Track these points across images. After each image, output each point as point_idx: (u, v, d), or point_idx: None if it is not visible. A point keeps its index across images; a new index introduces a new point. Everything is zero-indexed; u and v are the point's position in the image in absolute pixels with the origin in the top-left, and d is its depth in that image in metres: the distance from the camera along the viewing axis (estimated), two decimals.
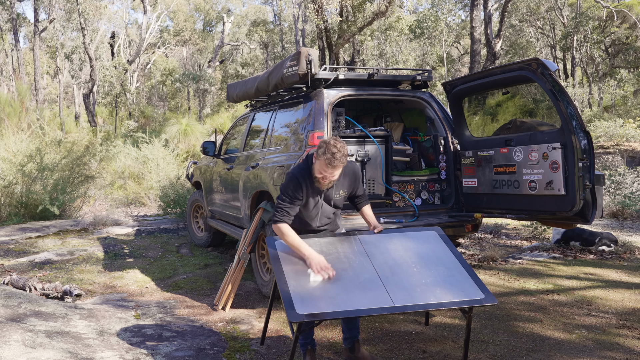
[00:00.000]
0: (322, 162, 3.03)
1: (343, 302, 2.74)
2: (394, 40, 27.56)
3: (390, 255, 3.15)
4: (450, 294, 2.85)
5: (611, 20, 22.52)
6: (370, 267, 3.03)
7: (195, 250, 6.96)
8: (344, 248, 3.20)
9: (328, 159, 2.99)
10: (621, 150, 13.95)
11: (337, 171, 3.09)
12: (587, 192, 3.89)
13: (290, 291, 2.76)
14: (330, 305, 2.71)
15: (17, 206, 8.89)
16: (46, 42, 32.71)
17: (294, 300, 2.70)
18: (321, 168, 3.06)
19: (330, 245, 3.21)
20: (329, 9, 18.99)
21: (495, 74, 4.47)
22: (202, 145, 6.39)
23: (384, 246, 3.23)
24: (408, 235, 3.40)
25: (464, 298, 2.83)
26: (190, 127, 18.99)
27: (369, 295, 2.81)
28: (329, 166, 3.02)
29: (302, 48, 4.58)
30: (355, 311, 2.71)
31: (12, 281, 4.92)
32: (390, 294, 2.81)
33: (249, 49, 38.63)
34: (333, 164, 3.01)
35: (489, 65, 19.86)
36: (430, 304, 2.79)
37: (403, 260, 3.10)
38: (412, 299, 2.79)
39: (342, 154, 3.02)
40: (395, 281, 2.92)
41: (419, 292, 2.84)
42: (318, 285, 2.87)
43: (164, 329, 3.97)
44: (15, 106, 12.78)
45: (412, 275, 2.97)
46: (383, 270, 2.99)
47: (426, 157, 5.23)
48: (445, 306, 2.82)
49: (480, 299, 2.82)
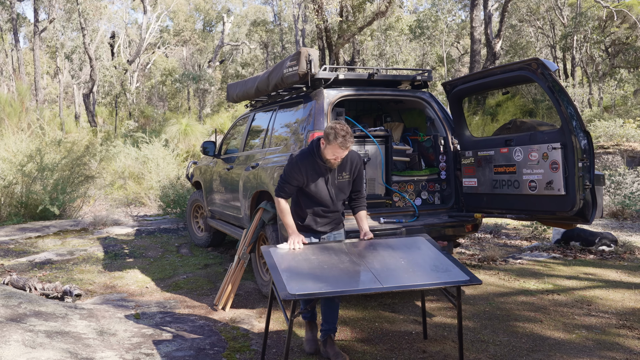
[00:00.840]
0: (334, 146, 3.27)
1: (333, 285, 2.91)
2: (394, 40, 27.56)
3: (379, 253, 3.33)
4: (437, 278, 3.01)
5: (611, 20, 22.52)
6: (360, 261, 3.22)
7: (195, 250, 6.96)
8: (335, 250, 3.40)
9: (341, 142, 3.25)
10: (621, 150, 13.96)
11: (347, 151, 3.36)
12: (587, 192, 3.89)
13: (283, 276, 2.94)
14: (321, 287, 2.87)
15: (17, 206, 8.89)
16: (46, 42, 32.71)
17: (285, 282, 2.86)
18: (334, 151, 3.30)
19: (323, 248, 3.40)
20: (329, 9, 18.99)
21: (495, 74, 4.47)
22: (202, 145, 6.39)
23: (372, 248, 3.43)
24: (397, 240, 3.62)
25: (450, 279, 2.98)
26: (190, 127, 18.99)
27: (358, 279, 3.02)
28: (342, 148, 3.27)
29: (302, 48, 4.58)
30: (344, 291, 2.87)
31: (12, 281, 4.92)
32: (378, 278, 2.97)
33: (249, 49, 38.63)
34: (346, 146, 3.28)
35: (489, 65, 19.86)
36: (418, 284, 2.93)
37: (391, 256, 3.27)
38: (399, 281, 2.94)
39: (350, 135, 3.30)
40: (384, 270, 3.09)
41: (407, 277, 3.00)
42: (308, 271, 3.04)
43: (164, 329, 3.97)
44: (15, 106, 12.78)
45: (400, 266, 3.14)
46: (372, 264, 3.17)
47: (426, 157, 5.23)
48: (432, 286, 2.94)
49: (465, 280, 2.96)
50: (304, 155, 3.45)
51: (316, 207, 3.51)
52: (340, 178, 3.49)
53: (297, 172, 3.41)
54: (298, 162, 3.42)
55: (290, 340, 2.94)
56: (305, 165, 3.40)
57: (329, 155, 3.34)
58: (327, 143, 3.30)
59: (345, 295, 4.64)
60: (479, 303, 4.54)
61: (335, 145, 3.27)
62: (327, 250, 3.38)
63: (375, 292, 2.83)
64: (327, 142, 3.30)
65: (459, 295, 3.11)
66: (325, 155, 3.35)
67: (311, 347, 3.55)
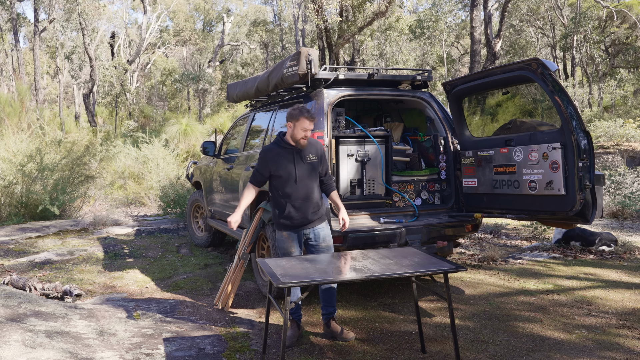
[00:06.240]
0: (302, 120, 3.57)
1: (323, 276, 3.06)
2: (394, 40, 27.53)
3: (369, 256, 3.47)
4: (424, 267, 3.14)
5: (611, 20, 22.51)
6: (351, 261, 3.37)
7: (195, 250, 6.96)
8: (328, 257, 3.56)
9: (307, 115, 3.57)
10: (621, 150, 13.96)
11: (313, 124, 3.68)
12: (587, 192, 3.89)
13: (276, 271, 3.08)
14: (312, 278, 2.99)
15: (17, 206, 8.89)
16: (46, 42, 32.68)
17: (279, 276, 2.99)
18: (303, 126, 3.58)
19: (316, 257, 3.53)
20: (329, 9, 18.99)
21: (495, 74, 4.47)
22: (202, 145, 6.39)
23: (363, 255, 3.52)
24: (387, 250, 3.76)
25: (436, 268, 3.12)
26: (190, 127, 18.98)
27: (349, 270, 3.18)
28: (309, 120, 3.58)
29: (302, 48, 4.57)
30: (334, 280, 3.03)
31: (12, 281, 4.92)
32: (370, 268, 3.14)
33: (249, 49, 38.62)
34: (312, 117, 3.62)
35: (489, 65, 19.85)
36: (407, 272, 3.05)
37: (381, 258, 3.41)
38: (389, 271, 3.08)
39: (309, 108, 3.83)
40: (375, 264, 3.23)
41: (396, 268, 3.14)
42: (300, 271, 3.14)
43: (164, 329, 3.97)
44: (15, 106, 12.78)
45: (390, 263, 3.28)
46: (363, 262, 3.31)
47: (426, 157, 5.23)
48: (420, 274, 3.07)
49: (451, 268, 3.08)
50: (269, 146, 3.75)
51: (291, 193, 3.69)
52: (308, 159, 3.72)
53: (264, 161, 3.70)
54: (264, 153, 3.73)
55: (286, 332, 2.97)
56: (272, 154, 3.69)
57: (299, 134, 3.60)
58: (295, 121, 3.58)
59: (345, 295, 4.67)
60: (479, 303, 4.54)
61: (303, 119, 3.56)
62: (320, 258, 3.53)
63: (363, 279, 2.97)
64: (294, 121, 3.59)
65: (447, 284, 3.20)
66: (296, 135, 3.61)
67: (290, 342, 3.71)
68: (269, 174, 3.71)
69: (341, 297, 4.70)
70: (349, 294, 4.83)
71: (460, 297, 4.73)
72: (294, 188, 3.68)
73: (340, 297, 4.69)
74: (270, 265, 3.22)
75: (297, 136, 3.62)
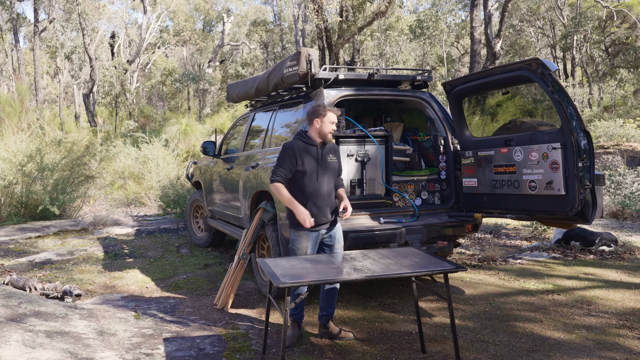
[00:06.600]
0: (329, 114, 3.64)
1: (323, 276, 3.06)
2: (394, 40, 27.53)
3: (369, 256, 3.47)
4: (424, 267, 3.15)
5: (611, 20, 22.51)
6: (350, 260, 3.40)
7: (195, 250, 6.96)
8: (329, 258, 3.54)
9: (333, 109, 3.67)
10: (621, 150, 13.96)
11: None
12: (587, 192, 3.88)
13: (276, 271, 3.09)
14: (311, 278, 3.00)
15: (17, 206, 8.89)
16: (46, 42, 32.69)
17: (279, 276, 3.00)
18: (331, 119, 3.65)
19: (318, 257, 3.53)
20: (329, 9, 18.98)
21: (495, 74, 4.47)
22: (202, 145, 6.39)
23: (363, 255, 3.53)
24: (387, 250, 3.76)
25: (436, 268, 3.12)
26: (190, 127, 18.98)
27: (349, 270, 3.18)
28: (334, 112, 3.66)
29: (302, 48, 4.57)
30: (333, 280, 3.02)
31: (12, 281, 4.92)
32: (370, 268, 3.15)
33: (249, 49, 38.62)
34: (337, 110, 3.73)
35: (489, 65, 19.86)
36: (407, 272, 3.06)
37: (381, 258, 3.42)
38: (389, 271, 3.09)
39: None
40: (375, 264, 3.24)
41: (396, 268, 3.15)
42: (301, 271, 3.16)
43: (164, 329, 3.97)
44: (15, 106, 12.78)
45: (390, 263, 3.29)
46: (363, 262, 3.32)
47: (426, 157, 5.23)
48: (420, 274, 3.07)
49: (451, 268, 3.09)
50: (294, 141, 3.69)
51: (313, 192, 3.65)
52: (329, 159, 3.73)
53: (291, 154, 3.60)
54: (292, 146, 3.64)
55: (286, 332, 2.97)
56: (298, 148, 3.62)
57: (328, 128, 3.64)
58: (323, 117, 3.62)
59: (345, 295, 4.67)
60: (479, 303, 4.54)
61: (330, 113, 3.63)
62: (320, 258, 3.52)
63: (363, 279, 2.97)
64: (321, 117, 3.62)
65: (447, 284, 3.20)
66: (325, 130, 3.64)
67: (290, 342, 3.70)
68: (295, 167, 3.62)
69: (341, 297, 4.70)
70: (349, 294, 4.83)
71: (460, 297, 4.73)
72: (316, 186, 3.65)
73: (340, 297, 4.69)
74: (270, 265, 3.22)
75: (326, 130, 3.64)
